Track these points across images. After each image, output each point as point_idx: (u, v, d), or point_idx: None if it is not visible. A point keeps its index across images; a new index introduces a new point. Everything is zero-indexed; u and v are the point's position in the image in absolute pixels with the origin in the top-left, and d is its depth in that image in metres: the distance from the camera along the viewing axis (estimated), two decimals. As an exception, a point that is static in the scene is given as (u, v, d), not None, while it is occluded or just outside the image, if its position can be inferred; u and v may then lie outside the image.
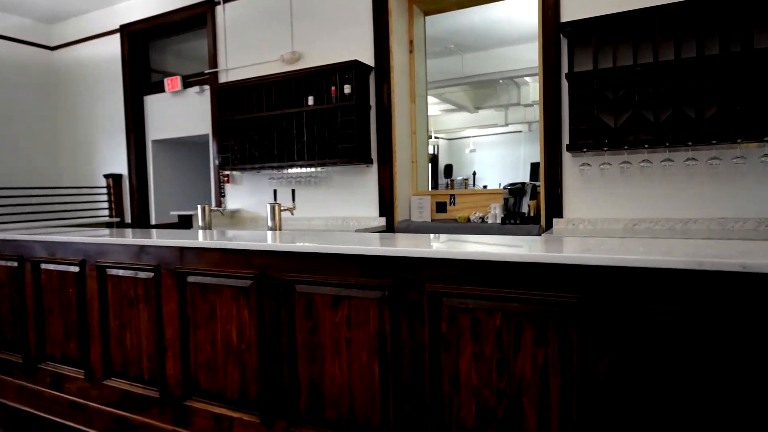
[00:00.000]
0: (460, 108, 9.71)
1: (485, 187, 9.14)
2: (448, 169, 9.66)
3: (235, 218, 4.80)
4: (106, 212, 5.60)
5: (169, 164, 5.63)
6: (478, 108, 9.75)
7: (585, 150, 3.09)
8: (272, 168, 4.30)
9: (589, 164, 3.19)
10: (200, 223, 2.92)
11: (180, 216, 4.83)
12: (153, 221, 5.50)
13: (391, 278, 1.56)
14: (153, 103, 5.41)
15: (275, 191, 3.84)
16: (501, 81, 8.36)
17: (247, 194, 4.75)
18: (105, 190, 5.59)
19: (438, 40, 6.74)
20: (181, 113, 5.17)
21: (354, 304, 1.63)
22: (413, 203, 4.18)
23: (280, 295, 1.76)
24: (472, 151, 10.81)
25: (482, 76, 7.89)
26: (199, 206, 2.94)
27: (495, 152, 10.52)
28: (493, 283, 1.41)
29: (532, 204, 3.58)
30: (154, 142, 5.46)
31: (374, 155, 4.05)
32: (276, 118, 4.17)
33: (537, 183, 3.60)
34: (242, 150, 4.36)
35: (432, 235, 2.25)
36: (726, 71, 2.70)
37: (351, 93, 3.83)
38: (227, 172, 4.78)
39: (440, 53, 7.32)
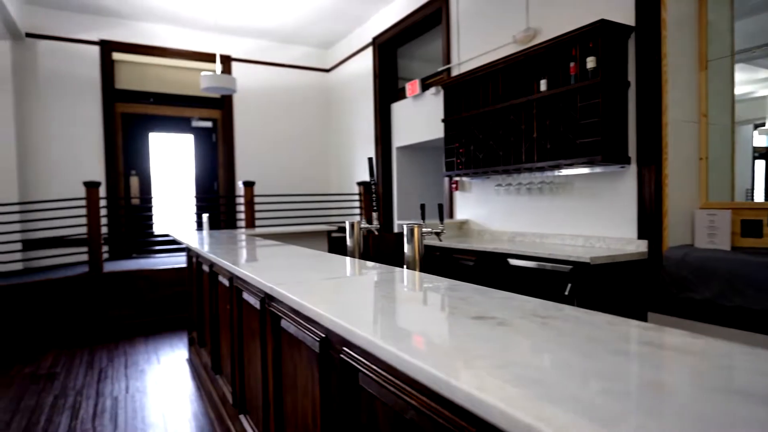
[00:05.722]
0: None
1: None
2: (795, 170, 6.74)
3: (462, 230, 4.26)
4: (358, 217, 5.91)
5: (411, 171, 5.52)
6: None
7: None
8: (497, 173, 3.57)
9: None
10: (348, 242, 2.45)
11: (340, 227, 4.72)
12: (395, 228, 5.49)
13: None
14: (398, 110, 5.39)
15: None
16: None
17: (476, 203, 4.14)
18: (357, 197, 5.91)
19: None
20: (420, 117, 4.96)
21: None
22: (699, 221, 2.78)
23: (342, 377, 1.11)
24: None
25: None
26: (347, 222, 2.47)
27: None
28: None
29: None
30: (398, 149, 5.44)
31: (632, 153, 2.86)
32: (502, 112, 3.43)
33: None
34: (467, 153, 3.79)
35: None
36: None
37: (595, 67, 2.77)
38: (456, 179, 4.30)
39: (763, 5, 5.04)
